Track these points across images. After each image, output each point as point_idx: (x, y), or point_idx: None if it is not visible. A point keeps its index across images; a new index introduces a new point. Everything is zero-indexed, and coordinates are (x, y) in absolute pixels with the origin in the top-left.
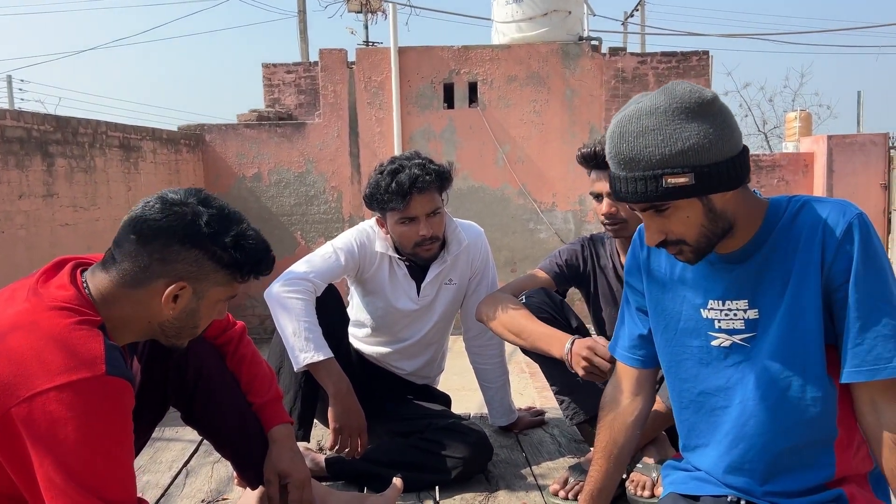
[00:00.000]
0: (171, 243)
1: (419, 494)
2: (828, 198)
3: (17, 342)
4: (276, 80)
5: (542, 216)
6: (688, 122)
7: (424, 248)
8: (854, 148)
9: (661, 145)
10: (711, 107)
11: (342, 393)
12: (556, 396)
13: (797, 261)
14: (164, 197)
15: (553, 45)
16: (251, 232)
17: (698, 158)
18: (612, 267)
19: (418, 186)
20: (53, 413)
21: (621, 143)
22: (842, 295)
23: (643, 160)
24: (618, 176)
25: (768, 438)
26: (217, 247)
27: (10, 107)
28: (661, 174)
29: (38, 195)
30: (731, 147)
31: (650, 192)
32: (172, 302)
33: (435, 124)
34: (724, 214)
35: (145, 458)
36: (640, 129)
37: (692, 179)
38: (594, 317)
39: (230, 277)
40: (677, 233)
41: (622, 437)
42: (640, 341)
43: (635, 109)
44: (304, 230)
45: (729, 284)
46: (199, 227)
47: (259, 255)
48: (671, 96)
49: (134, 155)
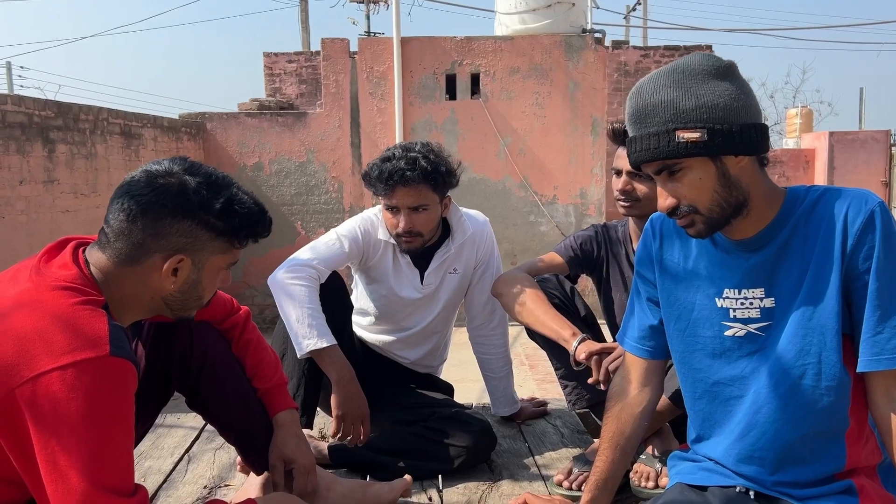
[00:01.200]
0: (162, 217)
1: (422, 483)
2: (846, 188)
3: (20, 322)
4: (278, 70)
5: (542, 209)
6: (704, 82)
7: (403, 239)
8: (856, 145)
9: (676, 100)
10: (729, 72)
11: (345, 380)
12: (560, 381)
13: (817, 248)
14: (148, 170)
15: (556, 38)
16: (242, 196)
17: (712, 116)
18: (625, 253)
19: (400, 180)
20: (57, 394)
21: (638, 99)
22: (862, 283)
23: (657, 115)
24: (633, 138)
25: (780, 426)
26: (209, 215)
27: (10, 93)
28: (674, 128)
29: (38, 181)
30: (748, 115)
31: (661, 148)
32: (173, 276)
33: (437, 115)
34: (738, 183)
35: (147, 443)
36: (657, 85)
37: (704, 135)
38: (604, 302)
39: (227, 244)
40: (689, 198)
41: (629, 428)
42: (650, 332)
43: (657, 71)
44: (305, 220)
45: (745, 273)
46: (187, 197)
47: (254, 217)
48: (691, 60)
49: (135, 142)
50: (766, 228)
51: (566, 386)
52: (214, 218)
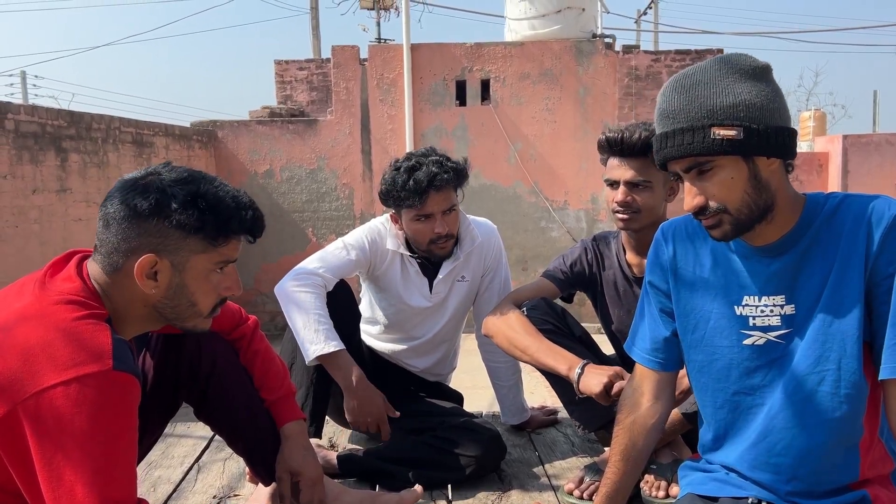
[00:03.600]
0: (129, 218)
1: (431, 493)
2: (866, 194)
3: (24, 336)
4: (289, 77)
5: (554, 214)
6: (741, 81)
7: (439, 245)
8: (870, 148)
9: (713, 97)
10: (765, 73)
11: (355, 385)
12: (566, 408)
13: (839, 253)
14: (123, 177)
15: (566, 43)
16: (215, 190)
17: (749, 114)
18: (619, 266)
19: (436, 185)
20: (60, 409)
21: (673, 94)
22: (884, 289)
23: (693, 110)
24: (664, 134)
25: (796, 433)
26: (171, 211)
27: (24, 102)
28: (710, 125)
29: (51, 190)
30: (782, 117)
31: (696, 144)
32: (153, 280)
33: (447, 122)
34: (767, 186)
35: (157, 453)
36: (693, 81)
37: (740, 134)
38: (602, 317)
39: (205, 242)
40: (719, 197)
41: (641, 441)
42: (663, 344)
43: (691, 68)
44: (316, 227)
45: (767, 280)
46: (150, 194)
47: (225, 210)
48: (727, 58)
49: (147, 151)
50: (787, 234)
51: (573, 412)
52: (178, 214)
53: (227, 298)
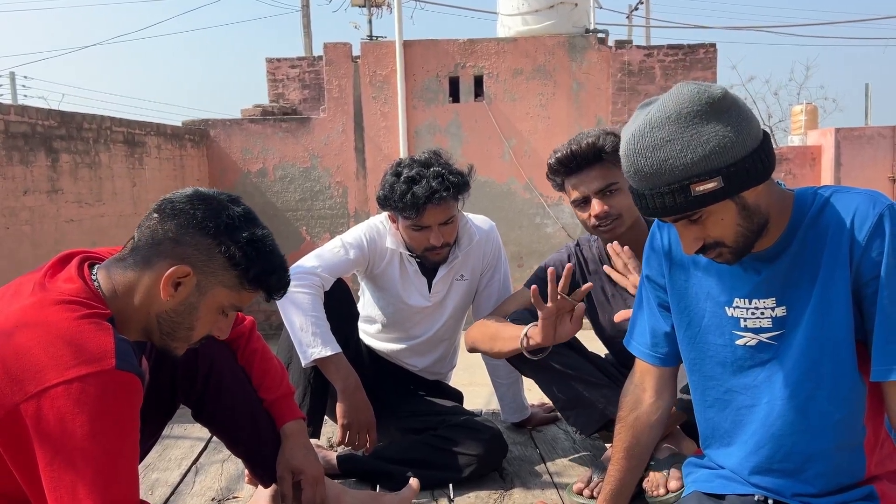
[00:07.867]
0: (188, 225)
1: (433, 492)
2: (855, 188)
3: (25, 337)
4: (280, 75)
5: (548, 210)
6: (703, 124)
7: (434, 253)
8: (862, 141)
9: (682, 155)
10: (723, 103)
11: (350, 389)
12: (560, 413)
13: (825, 255)
14: (197, 189)
15: (559, 38)
16: (270, 241)
17: (722, 160)
18: (602, 270)
19: (434, 201)
20: (62, 409)
21: (639, 159)
22: (872, 290)
23: (666, 173)
24: (642, 192)
25: (796, 440)
26: (231, 241)
27: (14, 103)
28: (688, 184)
29: (42, 191)
30: (753, 139)
31: (680, 204)
32: (173, 288)
33: (440, 118)
34: (758, 209)
35: (154, 455)
36: (656, 141)
37: (721, 182)
38: (592, 321)
39: (237, 281)
40: (715, 236)
41: (645, 437)
42: (663, 339)
43: (646, 121)
44: (310, 225)
45: (757, 283)
46: (219, 218)
47: (272, 262)
48: (679, 101)
49: (138, 150)
50: (777, 241)
51: (568, 416)
52: (234, 245)
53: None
